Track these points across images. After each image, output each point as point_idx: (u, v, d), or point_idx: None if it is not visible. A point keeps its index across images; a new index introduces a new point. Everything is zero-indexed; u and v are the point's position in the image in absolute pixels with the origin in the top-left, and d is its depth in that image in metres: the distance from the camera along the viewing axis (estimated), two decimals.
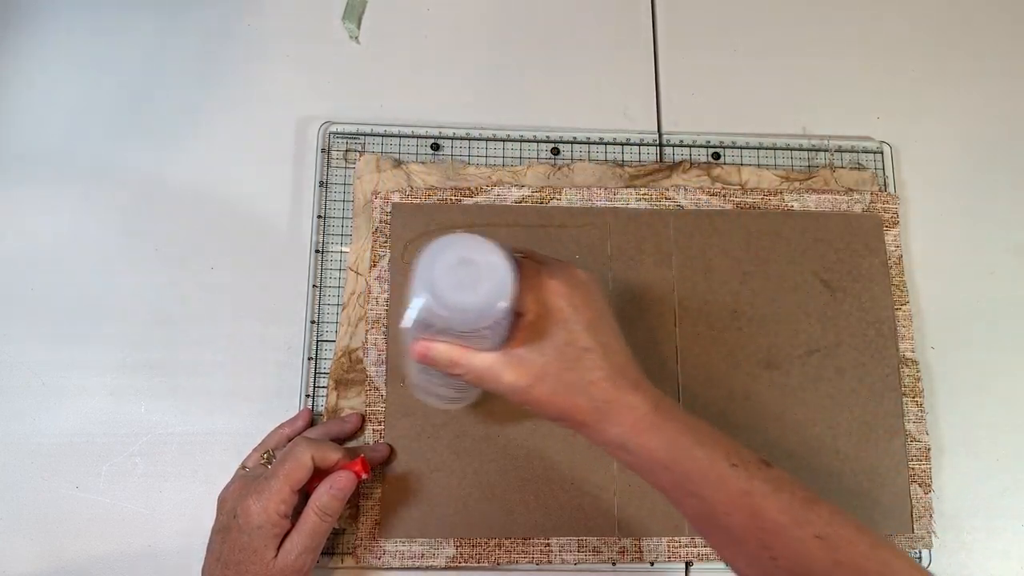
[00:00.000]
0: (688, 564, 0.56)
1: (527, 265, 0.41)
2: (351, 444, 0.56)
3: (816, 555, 0.39)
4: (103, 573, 0.54)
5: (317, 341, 0.58)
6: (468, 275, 0.39)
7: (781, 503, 0.40)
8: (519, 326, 0.41)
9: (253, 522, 0.47)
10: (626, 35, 0.68)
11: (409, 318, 0.41)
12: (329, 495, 0.48)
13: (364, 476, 0.49)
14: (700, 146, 0.64)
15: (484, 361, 0.41)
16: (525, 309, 0.41)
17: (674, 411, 0.42)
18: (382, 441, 0.55)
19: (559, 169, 0.62)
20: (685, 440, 0.41)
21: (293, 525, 0.48)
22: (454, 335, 0.41)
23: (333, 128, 0.62)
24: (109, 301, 0.59)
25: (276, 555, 0.47)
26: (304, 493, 0.49)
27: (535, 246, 0.59)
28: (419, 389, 0.51)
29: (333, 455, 0.50)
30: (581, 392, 0.41)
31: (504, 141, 0.63)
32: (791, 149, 0.65)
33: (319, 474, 0.49)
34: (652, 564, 0.56)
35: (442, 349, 0.41)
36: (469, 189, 0.60)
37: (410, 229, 0.59)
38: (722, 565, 0.56)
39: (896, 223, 0.62)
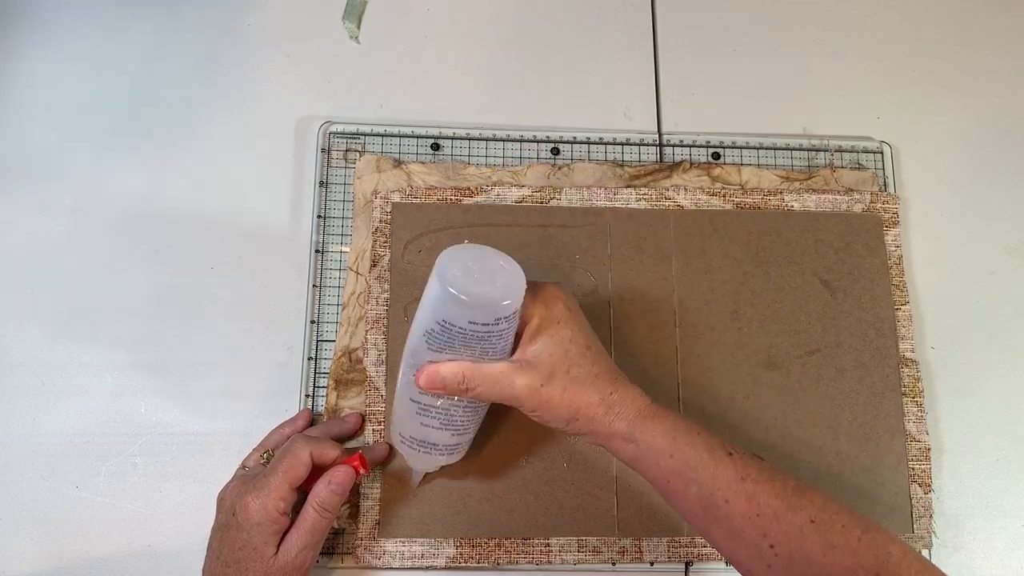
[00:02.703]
0: (688, 564, 0.56)
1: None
2: (351, 444, 0.56)
3: (811, 539, 0.40)
4: (103, 573, 0.54)
5: (317, 341, 0.58)
6: (484, 272, 0.42)
7: (775, 488, 0.42)
8: (523, 332, 0.44)
9: (252, 519, 0.47)
10: (626, 35, 0.68)
11: (419, 330, 0.43)
12: (328, 490, 0.48)
13: (363, 472, 0.49)
14: (700, 146, 0.64)
15: (495, 368, 0.43)
16: (528, 314, 0.44)
17: (665, 405, 0.45)
18: (382, 441, 0.55)
19: (559, 169, 0.62)
20: (684, 427, 0.44)
21: (292, 523, 0.48)
22: (464, 345, 0.42)
23: (333, 128, 0.62)
24: (109, 301, 0.59)
25: (276, 552, 0.47)
26: (303, 491, 0.49)
27: (535, 246, 0.59)
28: (413, 445, 0.49)
29: (331, 452, 0.50)
30: (589, 386, 0.43)
31: (504, 141, 0.63)
32: (791, 149, 0.65)
33: (317, 472, 0.49)
34: (652, 564, 0.56)
35: (451, 367, 0.43)
36: (469, 189, 0.60)
37: (410, 229, 0.59)
38: (722, 565, 0.56)
39: (896, 223, 0.62)
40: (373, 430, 0.55)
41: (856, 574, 0.39)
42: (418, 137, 0.63)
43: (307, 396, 0.57)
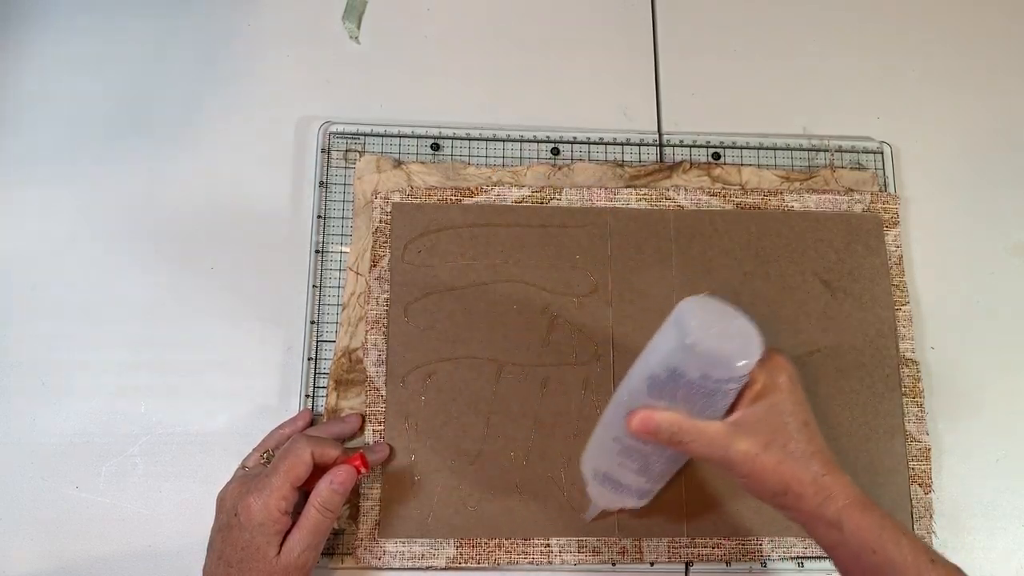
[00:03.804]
0: (688, 564, 0.56)
1: None
2: (351, 444, 0.56)
3: None
4: (103, 573, 0.54)
5: (317, 341, 0.58)
6: (723, 329, 0.41)
7: None
8: (744, 395, 0.43)
9: (254, 519, 0.47)
10: (626, 35, 0.68)
11: (643, 372, 0.43)
12: (330, 490, 0.48)
13: (364, 471, 0.49)
14: (700, 146, 0.64)
15: (713, 428, 0.43)
16: (752, 378, 0.43)
17: (873, 499, 0.44)
18: (382, 440, 0.55)
19: (559, 169, 0.62)
20: (892, 525, 0.42)
21: (294, 523, 0.48)
22: (687, 397, 0.42)
23: (333, 128, 0.62)
24: (109, 301, 0.59)
25: (279, 553, 0.47)
26: (304, 491, 0.49)
27: (535, 246, 0.59)
28: (604, 483, 0.49)
29: (332, 451, 0.50)
30: (804, 464, 0.43)
31: (504, 141, 0.63)
32: (791, 149, 0.65)
33: (318, 472, 0.49)
34: (652, 564, 0.56)
35: (667, 416, 0.43)
36: (469, 189, 0.60)
37: (410, 229, 0.59)
38: (722, 565, 0.56)
39: (896, 223, 0.62)
40: (373, 430, 0.55)
41: None
42: (418, 137, 0.63)
43: (307, 396, 0.57)
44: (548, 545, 0.55)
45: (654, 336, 0.43)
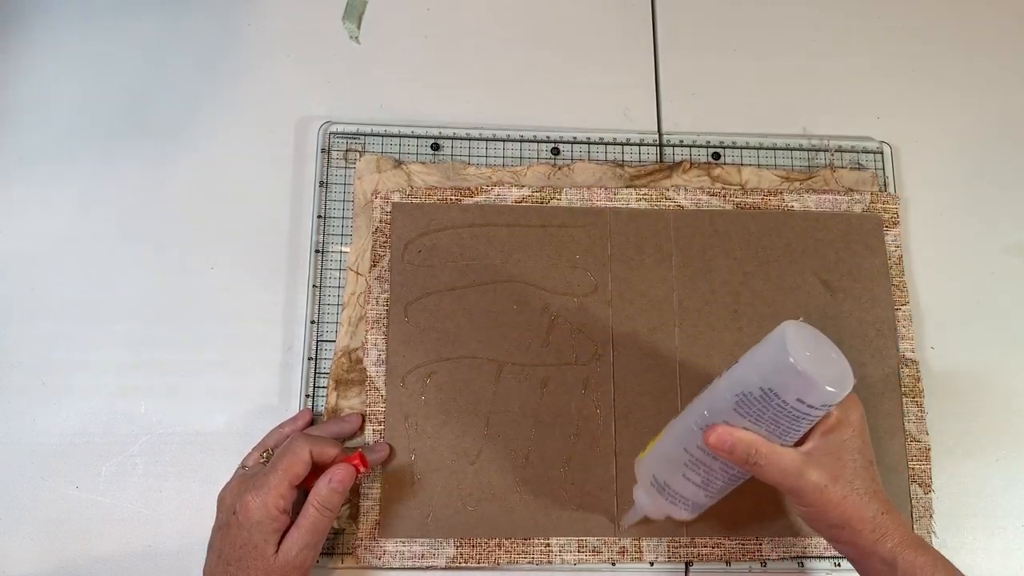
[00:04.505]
0: (688, 564, 0.56)
1: None
2: (351, 444, 0.56)
3: None
4: (103, 573, 0.54)
5: (317, 341, 0.58)
6: (818, 356, 0.42)
7: None
8: (816, 427, 0.44)
9: (252, 517, 0.47)
10: (626, 35, 0.68)
11: (734, 388, 0.43)
12: (328, 488, 0.48)
13: (363, 470, 0.49)
14: (700, 146, 0.64)
15: (789, 456, 0.44)
16: (829, 412, 0.44)
17: (926, 540, 0.46)
18: (382, 440, 0.55)
19: (559, 169, 0.62)
20: (944, 565, 0.44)
21: (292, 522, 0.48)
22: (773, 419, 0.43)
23: (333, 128, 0.62)
24: (109, 301, 0.59)
25: (277, 551, 0.47)
26: (303, 490, 0.49)
27: (535, 246, 0.59)
28: (663, 491, 0.49)
29: (331, 450, 0.50)
30: (866, 501, 0.44)
31: (504, 141, 0.63)
32: (791, 149, 0.65)
33: (317, 470, 0.49)
34: (652, 564, 0.56)
35: (746, 436, 0.44)
36: (469, 189, 0.60)
37: (410, 229, 0.59)
38: (723, 565, 0.56)
39: (896, 223, 0.62)
40: (373, 430, 0.55)
41: None
42: (418, 137, 0.63)
43: (307, 396, 0.57)
44: (548, 545, 0.55)
45: (746, 354, 0.44)
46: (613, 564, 0.55)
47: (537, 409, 0.56)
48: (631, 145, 0.64)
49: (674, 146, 0.64)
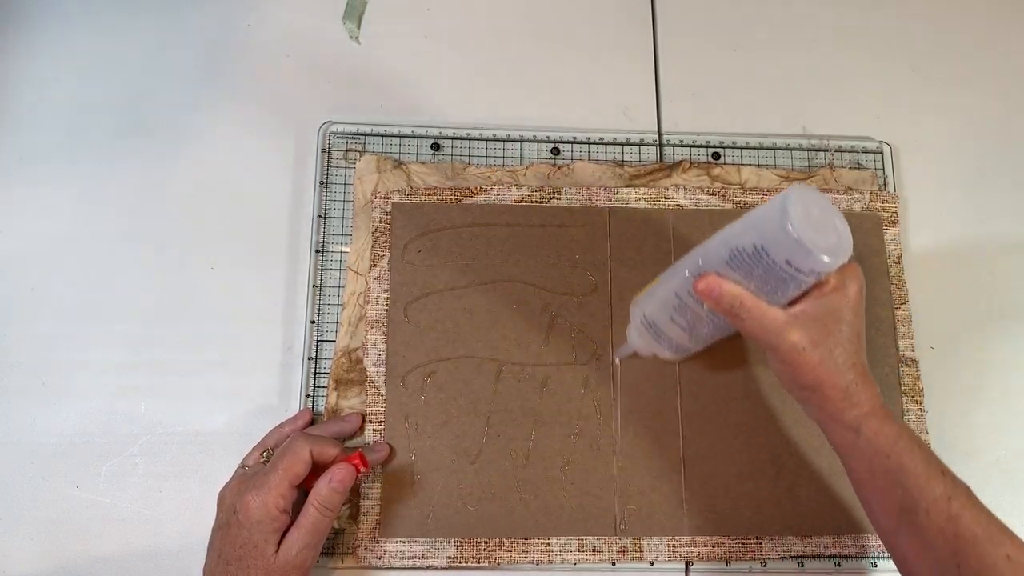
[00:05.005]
0: (688, 564, 0.56)
1: None
2: (351, 443, 0.56)
3: (1003, 574, 0.40)
4: (103, 573, 0.54)
5: (317, 341, 0.58)
6: (820, 223, 0.42)
7: (979, 517, 0.42)
8: (811, 291, 0.44)
9: (253, 517, 0.47)
10: (626, 35, 0.68)
11: (729, 241, 0.43)
12: (329, 488, 0.48)
13: (363, 470, 0.49)
14: (700, 146, 0.64)
15: (772, 313, 0.44)
16: (827, 278, 0.44)
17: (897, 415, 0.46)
18: (382, 440, 0.55)
19: (559, 169, 0.62)
20: (908, 436, 0.44)
21: (293, 522, 0.48)
22: (762, 276, 0.43)
23: (333, 128, 0.62)
24: (109, 301, 0.59)
25: (277, 551, 0.47)
26: (303, 490, 0.49)
27: (535, 246, 0.59)
28: (650, 328, 0.51)
29: (331, 450, 0.50)
30: (842, 370, 0.44)
31: (504, 141, 0.63)
32: (791, 149, 0.65)
33: (317, 470, 0.49)
34: (652, 564, 0.56)
35: (734, 288, 0.44)
36: (469, 189, 0.60)
37: (410, 229, 0.59)
38: (722, 565, 0.56)
39: (896, 222, 0.62)
40: (373, 430, 0.55)
41: None
42: (418, 137, 0.63)
43: (307, 396, 0.57)
44: (548, 544, 0.55)
45: (751, 211, 0.43)
46: (613, 564, 0.55)
47: (537, 409, 0.56)
48: (631, 145, 0.64)
49: (674, 146, 0.64)
